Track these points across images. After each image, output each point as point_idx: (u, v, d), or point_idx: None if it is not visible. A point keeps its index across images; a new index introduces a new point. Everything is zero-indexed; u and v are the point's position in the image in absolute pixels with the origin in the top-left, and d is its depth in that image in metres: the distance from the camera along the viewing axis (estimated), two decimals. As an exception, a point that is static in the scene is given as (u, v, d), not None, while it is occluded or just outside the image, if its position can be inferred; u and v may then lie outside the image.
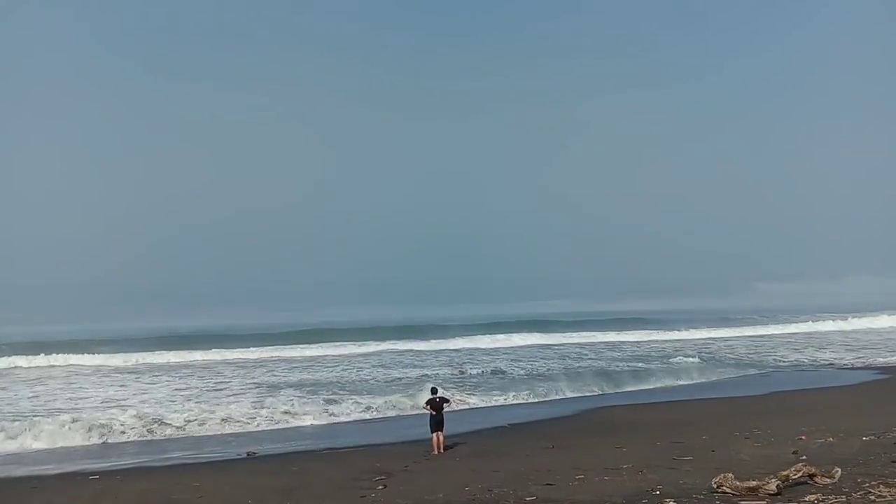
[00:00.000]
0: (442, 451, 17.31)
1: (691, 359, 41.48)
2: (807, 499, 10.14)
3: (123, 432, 21.48)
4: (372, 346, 55.37)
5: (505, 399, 27.77)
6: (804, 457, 13.38)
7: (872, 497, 10.01)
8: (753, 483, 10.80)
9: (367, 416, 24.65)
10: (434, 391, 18.66)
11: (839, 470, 11.28)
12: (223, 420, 23.18)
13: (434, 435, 17.58)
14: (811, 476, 11.11)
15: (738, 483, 10.86)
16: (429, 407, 17.94)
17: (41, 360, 47.18)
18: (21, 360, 46.84)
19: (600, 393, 29.38)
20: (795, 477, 11.06)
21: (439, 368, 39.81)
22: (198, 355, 50.59)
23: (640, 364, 39.64)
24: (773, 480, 10.74)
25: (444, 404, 18.05)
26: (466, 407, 25.85)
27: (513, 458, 16.25)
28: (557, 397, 28.33)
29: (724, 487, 10.89)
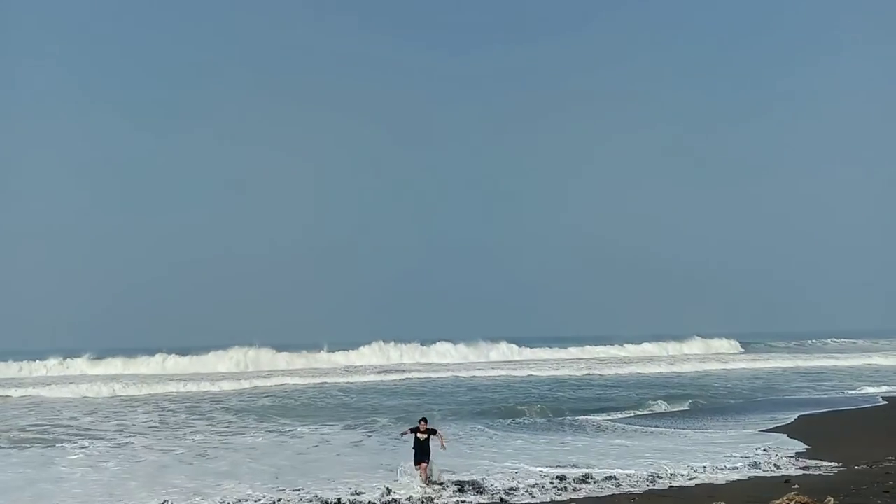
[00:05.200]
0: (427, 483, 16.58)
1: None
2: (799, 529, 9.80)
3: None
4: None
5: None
6: (796, 486, 13.08)
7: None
8: (743, 513, 10.44)
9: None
10: (424, 421, 17.81)
11: (832, 499, 11.02)
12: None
13: (418, 465, 16.83)
14: (803, 506, 10.78)
15: (727, 513, 10.50)
16: (416, 431, 17.14)
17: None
18: None
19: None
20: (787, 507, 10.73)
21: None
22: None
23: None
24: (763, 511, 10.39)
25: (432, 434, 17.29)
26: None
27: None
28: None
29: (714, 518, 10.53)
